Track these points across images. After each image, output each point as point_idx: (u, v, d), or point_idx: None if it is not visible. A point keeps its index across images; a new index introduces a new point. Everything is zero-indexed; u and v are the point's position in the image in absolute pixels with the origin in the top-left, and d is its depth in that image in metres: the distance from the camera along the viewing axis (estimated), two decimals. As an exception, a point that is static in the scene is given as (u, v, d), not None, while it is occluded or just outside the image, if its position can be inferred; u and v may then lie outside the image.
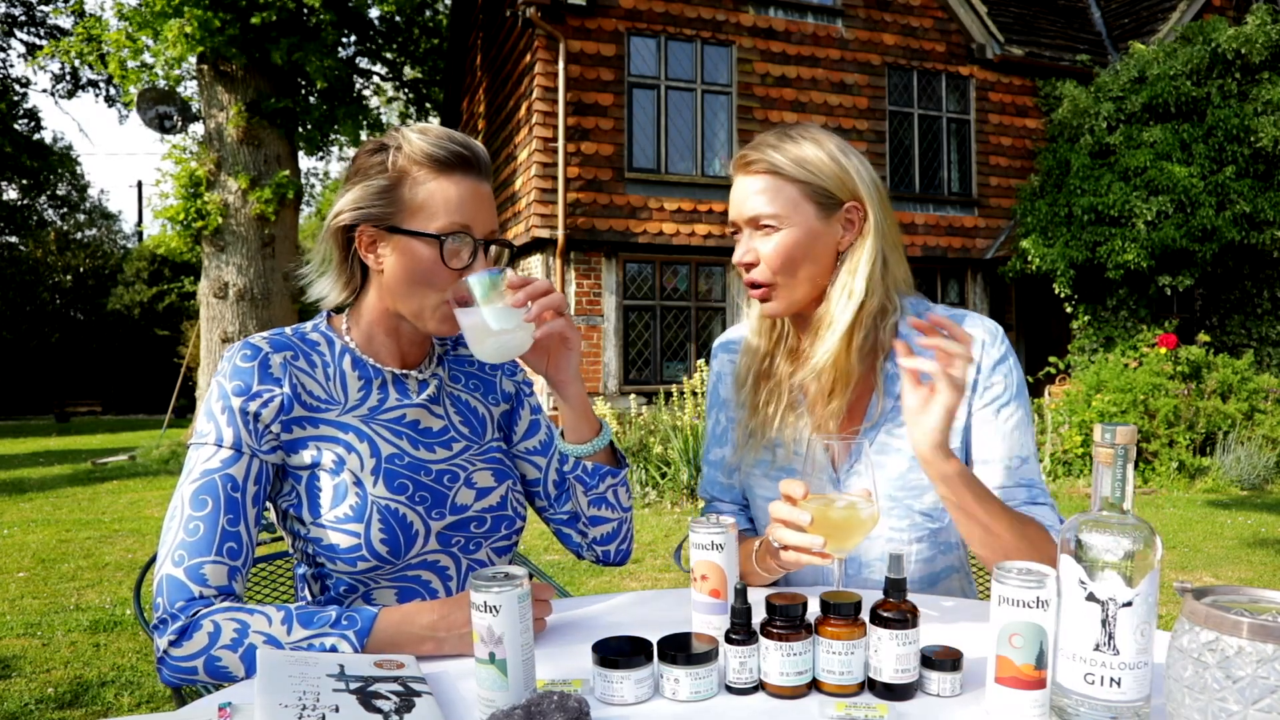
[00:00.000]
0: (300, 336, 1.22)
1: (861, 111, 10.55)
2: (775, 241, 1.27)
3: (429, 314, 1.18)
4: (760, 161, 1.28)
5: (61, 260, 20.53)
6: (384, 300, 1.21)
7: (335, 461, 1.16)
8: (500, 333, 1.10)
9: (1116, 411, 7.99)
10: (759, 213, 1.27)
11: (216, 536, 1.08)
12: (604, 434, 1.27)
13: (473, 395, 1.34)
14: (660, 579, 4.61)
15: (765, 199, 1.27)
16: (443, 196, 1.15)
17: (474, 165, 1.18)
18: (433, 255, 1.15)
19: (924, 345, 1.06)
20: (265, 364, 1.15)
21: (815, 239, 1.27)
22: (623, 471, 1.31)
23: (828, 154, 1.27)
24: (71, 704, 2.96)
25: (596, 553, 1.36)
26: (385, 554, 1.15)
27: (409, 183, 1.15)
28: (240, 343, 1.17)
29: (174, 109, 10.78)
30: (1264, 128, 8.99)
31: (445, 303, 1.16)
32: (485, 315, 1.10)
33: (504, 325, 1.10)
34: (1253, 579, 4.62)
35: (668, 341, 9.98)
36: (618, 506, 1.31)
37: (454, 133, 1.19)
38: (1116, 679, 0.78)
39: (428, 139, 1.16)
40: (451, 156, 1.16)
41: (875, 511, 1.04)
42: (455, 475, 1.24)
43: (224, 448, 1.11)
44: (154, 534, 5.87)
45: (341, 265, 1.22)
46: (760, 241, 1.28)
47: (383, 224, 1.16)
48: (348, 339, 1.24)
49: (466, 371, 1.36)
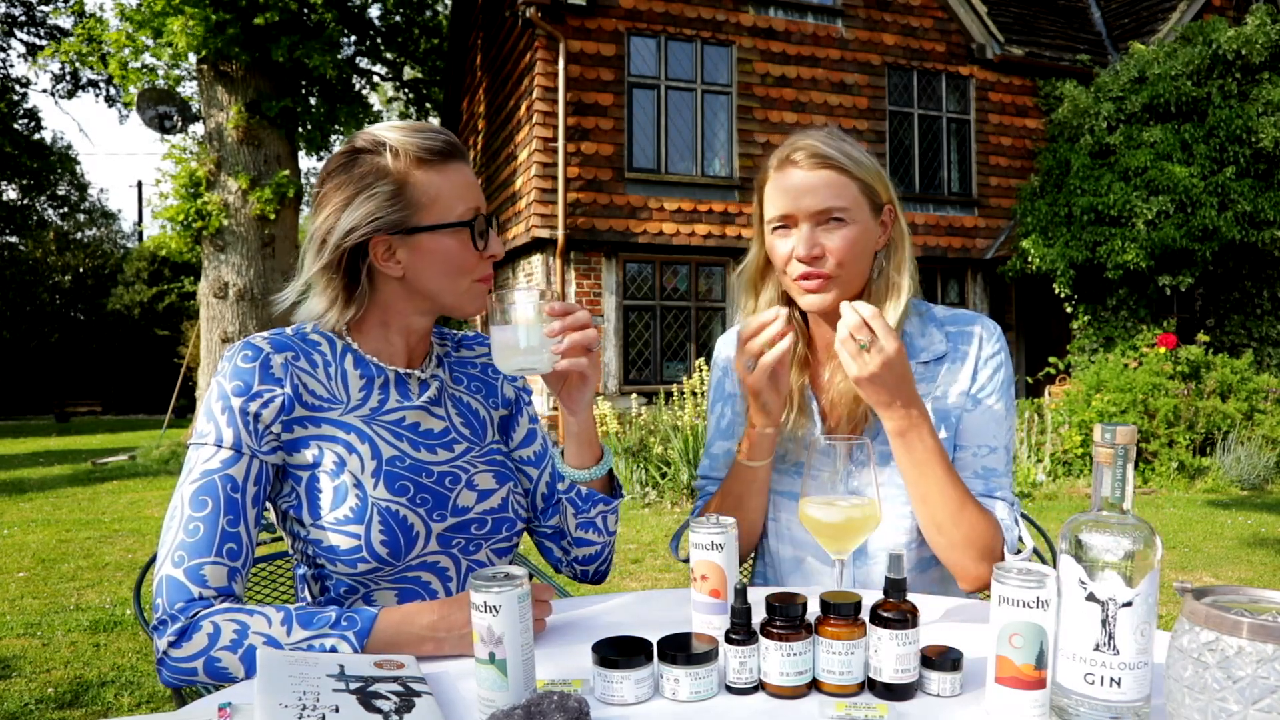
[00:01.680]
0: (301, 336, 1.21)
1: (861, 111, 10.55)
2: (843, 235, 1.28)
3: (464, 296, 1.21)
4: (820, 156, 1.29)
5: (61, 260, 20.53)
6: (407, 302, 1.21)
7: (336, 462, 1.15)
8: (527, 352, 1.11)
9: (1116, 411, 7.99)
10: (829, 205, 1.27)
11: (216, 537, 1.07)
12: (604, 462, 1.28)
13: (474, 397, 1.34)
14: (660, 579, 4.61)
15: (832, 192, 1.28)
16: (450, 187, 1.17)
17: (461, 152, 1.21)
18: (461, 242, 1.18)
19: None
20: (266, 364, 1.14)
21: (869, 237, 1.32)
22: (616, 501, 1.32)
23: (866, 157, 1.32)
24: (71, 704, 2.95)
25: (575, 570, 1.37)
26: (385, 555, 1.15)
27: (415, 182, 1.16)
28: (241, 342, 1.17)
29: (174, 109, 10.79)
30: (1265, 128, 9.00)
31: (475, 281, 1.20)
32: (519, 333, 1.10)
33: (531, 345, 1.11)
34: (1253, 579, 4.62)
35: (668, 341, 9.98)
36: (604, 531, 1.33)
37: (430, 124, 1.21)
38: (1116, 679, 0.78)
39: (414, 136, 1.17)
40: (445, 146, 1.18)
41: (878, 512, 1.04)
42: (456, 477, 1.24)
43: (224, 448, 1.10)
44: (154, 534, 5.86)
45: (342, 283, 1.18)
46: (826, 235, 1.28)
47: (400, 229, 1.16)
48: (349, 338, 1.23)
49: (469, 374, 1.36)
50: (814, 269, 1.28)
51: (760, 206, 1.37)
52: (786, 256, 1.31)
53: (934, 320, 1.38)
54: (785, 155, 1.31)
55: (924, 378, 1.35)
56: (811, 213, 1.28)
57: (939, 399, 1.34)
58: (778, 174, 1.32)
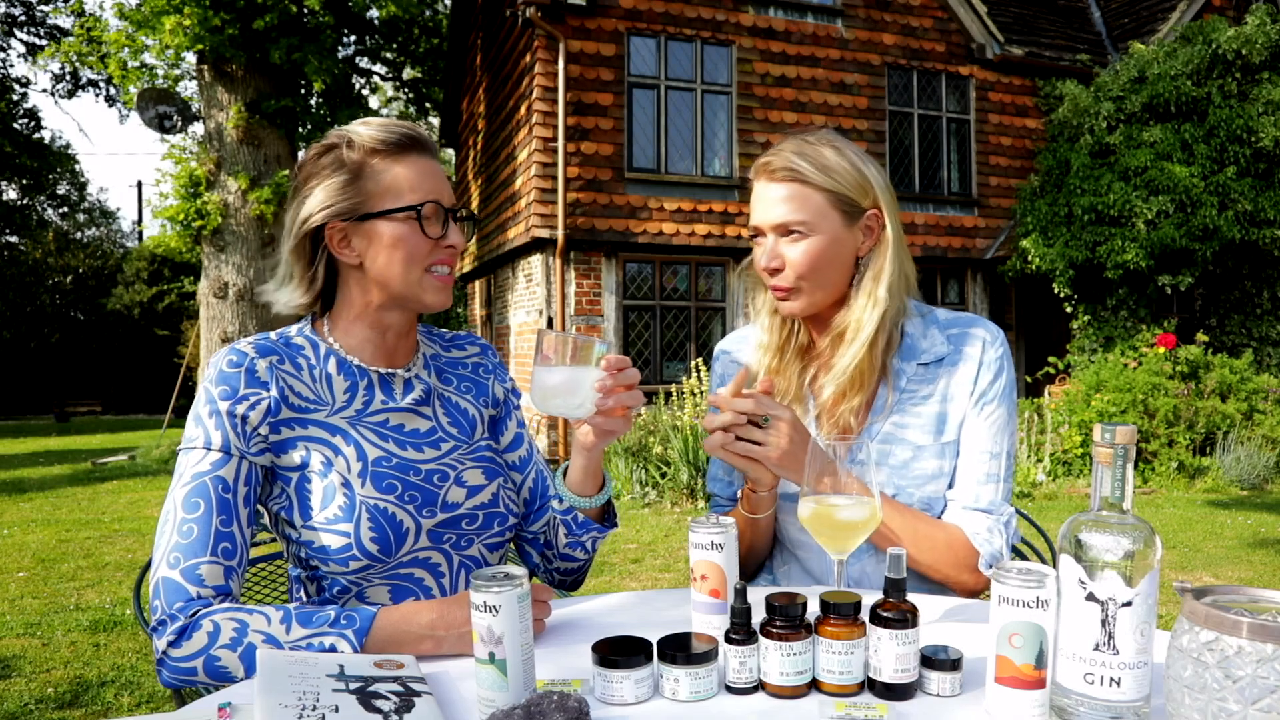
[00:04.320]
0: (285, 341, 1.23)
1: (861, 111, 10.55)
2: (802, 248, 1.30)
3: (417, 286, 1.21)
4: (786, 169, 1.30)
5: (61, 260, 20.51)
6: (367, 293, 1.23)
7: (323, 463, 1.17)
8: (569, 396, 1.10)
9: (1116, 411, 7.99)
10: (787, 220, 1.29)
11: (210, 537, 1.08)
12: (605, 491, 1.30)
13: (463, 397, 1.34)
14: (660, 579, 4.61)
15: (792, 206, 1.29)
16: (405, 175, 1.19)
17: (423, 145, 1.22)
18: (411, 228, 1.18)
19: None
20: (251, 369, 1.16)
21: (840, 246, 1.31)
22: (609, 530, 1.34)
23: (849, 162, 1.31)
24: (71, 704, 2.96)
25: (554, 579, 1.40)
26: (376, 552, 1.16)
27: (369, 171, 1.19)
28: (226, 349, 1.19)
29: (174, 109, 10.78)
30: (1265, 128, 8.99)
31: (429, 273, 1.20)
32: (568, 376, 1.09)
33: (576, 393, 1.10)
34: (1252, 579, 4.62)
35: (668, 341, 9.98)
36: (589, 551, 1.35)
37: (396, 120, 1.23)
38: (1116, 679, 0.78)
39: (374, 129, 1.20)
40: (403, 139, 1.20)
41: (877, 512, 1.04)
42: (445, 474, 1.25)
43: (213, 450, 1.12)
44: (154, 534, 5.86)
45: (305, 270, 1.24)
46: (787, 247, 1.31)
47: (353, 215, 1.19)
48: (331, 341, 1.25)
49: (459, 374, 1.37)
50: (775, 281, 1.32)
51: None
52: (761, 266, 1.34)
53: (935, 322, 1.39)
54: (762, 164, 1.34)
55: (923, 379, 1.35)
56: (772, 225, 1.31)
57: (938, 400, 1.35)
58: (755, 183, 1.36)
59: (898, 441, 1.34)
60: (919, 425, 1.34)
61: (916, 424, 1.34)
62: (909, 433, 1.34)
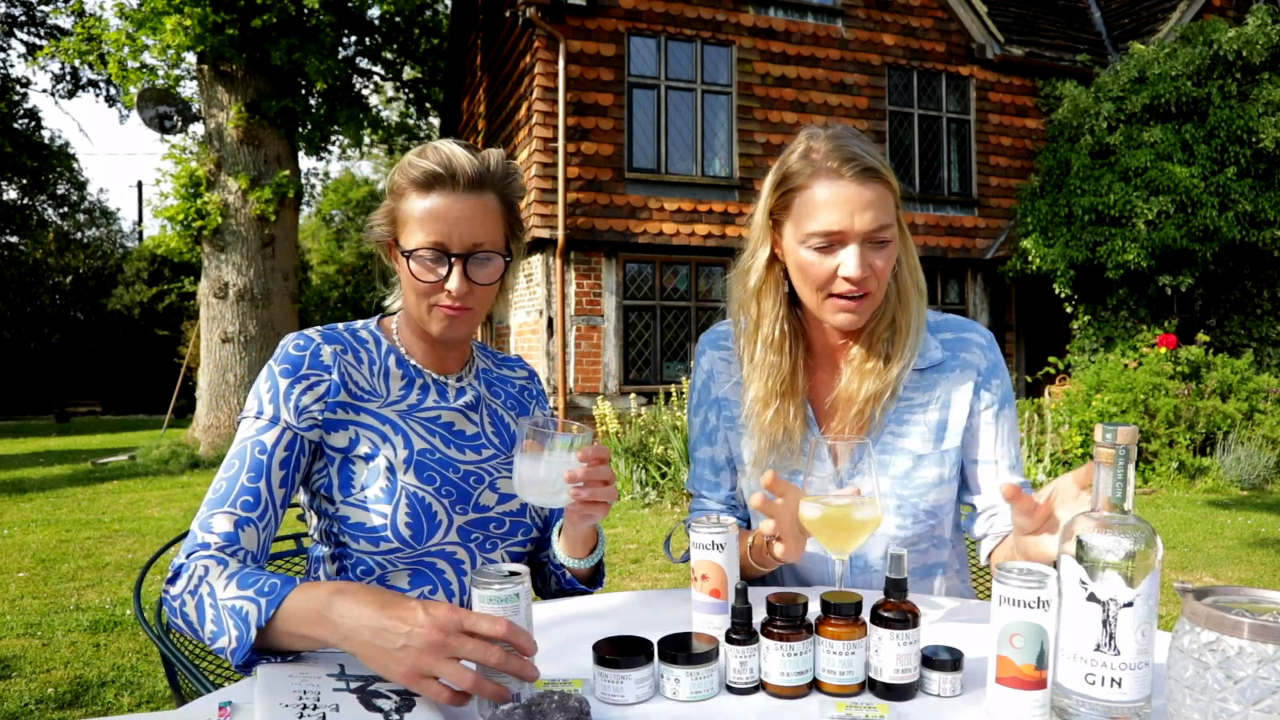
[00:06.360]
0: (351, 333, 1.30)
1: (861, 111, 10.55)
2: (887, 254, 1.24)
3: (427, 318, 1.25)
4: (870, 168, 1.21)
5: (61, 260, 20.50)
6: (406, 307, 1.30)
7: (371, 448, 1.22)
8: (544, 485, 1.10)
9: (1116, 411, 7.99)
10: (882, 224, 1.21)
11: (234, 491, 1.13)
12: (595, 555, 1.31)
13: (508, 412, 1.40)
14: (660, 579, 4.61)
15: (884, 210, 1.22)
16: (417, 215, 1.21)
17: (449, 181, 1.20)
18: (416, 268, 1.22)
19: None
20: (316, 353, 1.22)
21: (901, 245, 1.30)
22: (595, 590, 1.37)
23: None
24: (71, 704, 2.95)
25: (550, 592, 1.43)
26: (408, 537, 1.20)
27: (402, 202, 1.23)
28: (295, 333, 1.25)
29: (174, 109, 10.78)
30: (1265, 128, 8.99)
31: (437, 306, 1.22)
32: (546, 466, 1.09)
33: (552, 483, 1.10)
34: (1253, 579, 4.62)
35: (668, 341, 9.98)
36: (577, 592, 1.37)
37: (445, 149, 1.21)
38: (1117, 679, 0.78)
39: (418, 157, 1.22)
40: (425, 176, 1.20)
41: (878, 513, 1.04)
42: (481, 478, 1.30)
43: (261, 419, 1.18)
44: (154, 534, 5.87)
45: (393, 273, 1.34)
46: (875, 254, 1.22)
47: (388, 240, 1.27)
48: (395, 339, 1.32)
49: (507, 390, 1.43)
50: (868, 288, 1.23)
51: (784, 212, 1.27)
52: (828, 274, 1.22)
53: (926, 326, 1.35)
54: (827, 164, 1.21)
55: (920, 386, 1.32)
56: (865, 231, 1.20)
57: (938, 408, 1.32)
58: (822, 183, 1.21)
59: (896, 451, 1.31)
60: (918, 434, 1.31)
61: (915, 432, 1.31)
62: (907, 441, 1.31)
